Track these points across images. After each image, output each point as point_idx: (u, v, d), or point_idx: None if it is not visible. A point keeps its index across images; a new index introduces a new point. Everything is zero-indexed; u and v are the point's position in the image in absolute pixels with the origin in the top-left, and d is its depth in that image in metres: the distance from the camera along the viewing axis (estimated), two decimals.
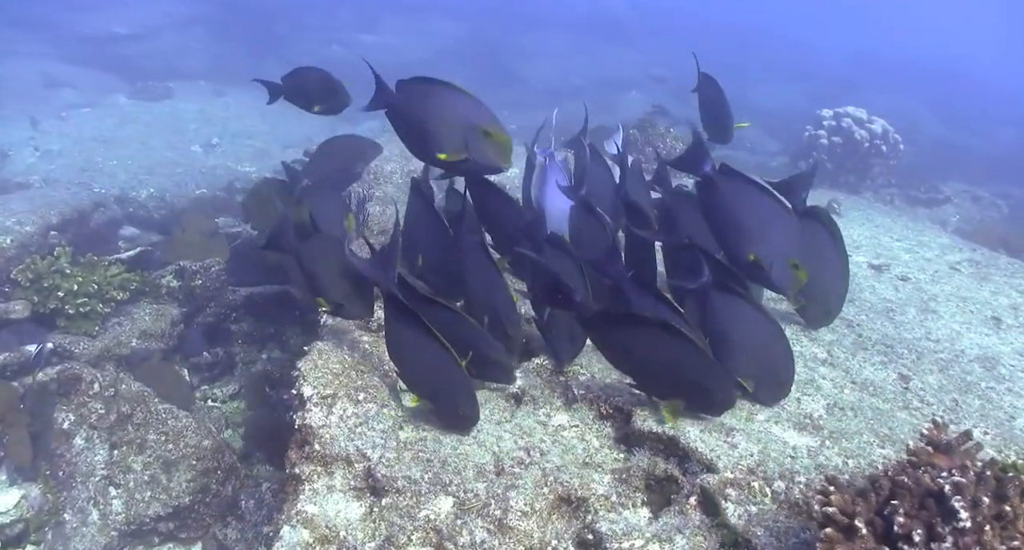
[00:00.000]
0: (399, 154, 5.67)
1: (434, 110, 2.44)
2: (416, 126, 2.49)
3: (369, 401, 2.46)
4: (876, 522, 1.68)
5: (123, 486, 3.90)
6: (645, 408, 2.49)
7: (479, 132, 2.43)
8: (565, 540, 2.10)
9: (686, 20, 24.35)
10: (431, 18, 21.95)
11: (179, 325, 5.23)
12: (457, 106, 2.43)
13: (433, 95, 2.45)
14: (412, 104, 2.49)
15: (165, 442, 4.01)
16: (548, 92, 18.09)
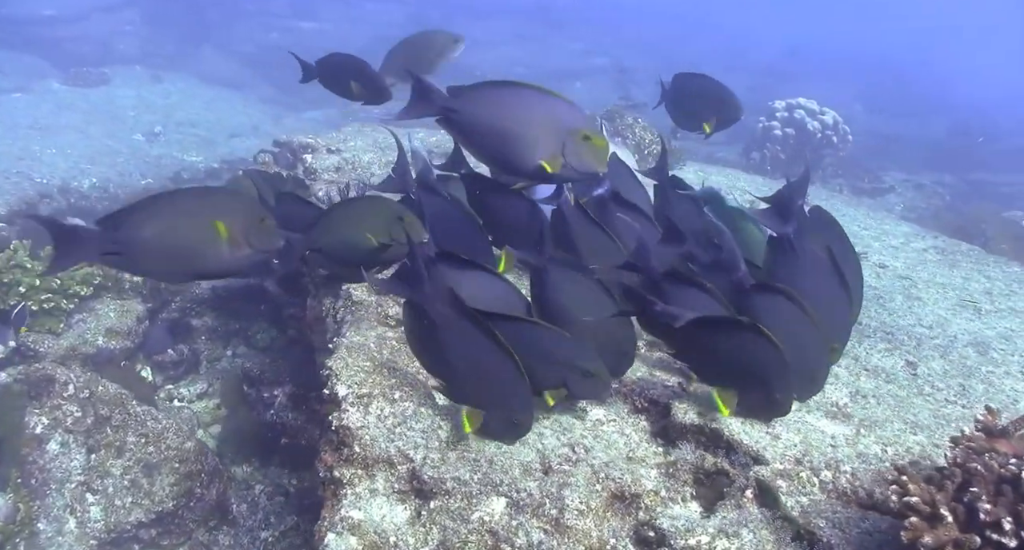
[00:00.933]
0: (372, 144, 5.54)
1: (520, 114, 2.17)
2: (497, 133, 2.21)
3: (405, 400, 2.37)
4: (958, 510, 1.69)
5: (102, 492, 3.71)
6: (683, 401, 2.47)
7: (578, 136, 2.20)
8: (623, 538, 2.06)
9: (621, 10, 24.52)
10: (368, 4, 21.55)
11: (145, 321, 5.00)
12: (543, 108, 2.18)
13: (515, 97, 2.19)
14: (484, 109, 2.22)
15: (145, 444, 3.82)
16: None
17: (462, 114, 2.24)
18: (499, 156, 2.30)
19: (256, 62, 16.15)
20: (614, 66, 19.95)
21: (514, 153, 2.22)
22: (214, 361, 5.78)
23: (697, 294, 2.28)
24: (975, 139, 11.54)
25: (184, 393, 5.26)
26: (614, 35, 22.31)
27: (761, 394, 2.28)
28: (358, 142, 5.41)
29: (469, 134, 2.29)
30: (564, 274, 2.38)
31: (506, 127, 2.20)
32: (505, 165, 2.33)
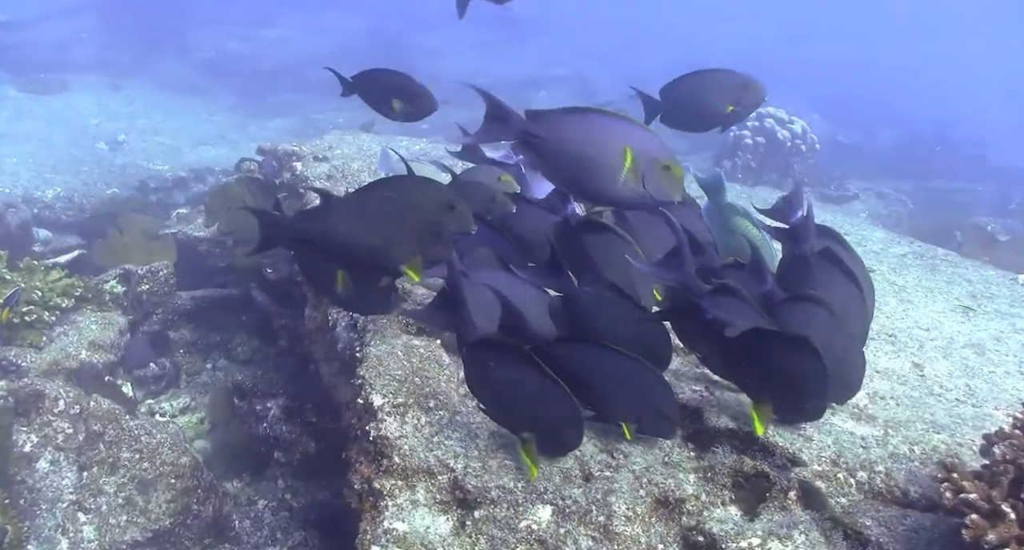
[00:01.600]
0: (359, 152, 5.49)
1: (602, 141, 2.17)
2: (578, 160, 2.21)
3: (440, 408, 2.33)
4: (1018, 506, 1.72)
5: (95, 511, 3.59)
6: (712, 406, 2.48)
7: (657, 164, 2.20)
8: (671, 544, 2.05)
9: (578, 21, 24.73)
10: (329, 13, 21.38)
11: (127, 334, 4.86)
12: (627, 135, 2.19)
13: (598, 124, 2.19)
14: (566, 136, 2.20)
15: (140, 460, 3.71)
16: (452, 91, 18.02)
17: (543, 140, 2.22)
18: (579, 182, 2.29)
19: (217, 70, 15.90)
20: (575, 76, 20.13)
21: (595, 180, 2.22)
22: (194, 375, 5.65)
23: (737, 304, 2.29)
24: (931, 148, 11.87)
25: (166, 408, 5.14)
26: (572, 46, 22.51)
27: (798, 402, 2.29)
28: (344, 149, 5.35)
29: (549, 159, 2.26)
30: (596, 301, 2.36)
31: (588, 154, 2.19)
32: (585, 191, 2.34)
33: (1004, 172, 12.36)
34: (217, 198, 4.59)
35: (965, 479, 1.81)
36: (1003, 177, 12.36)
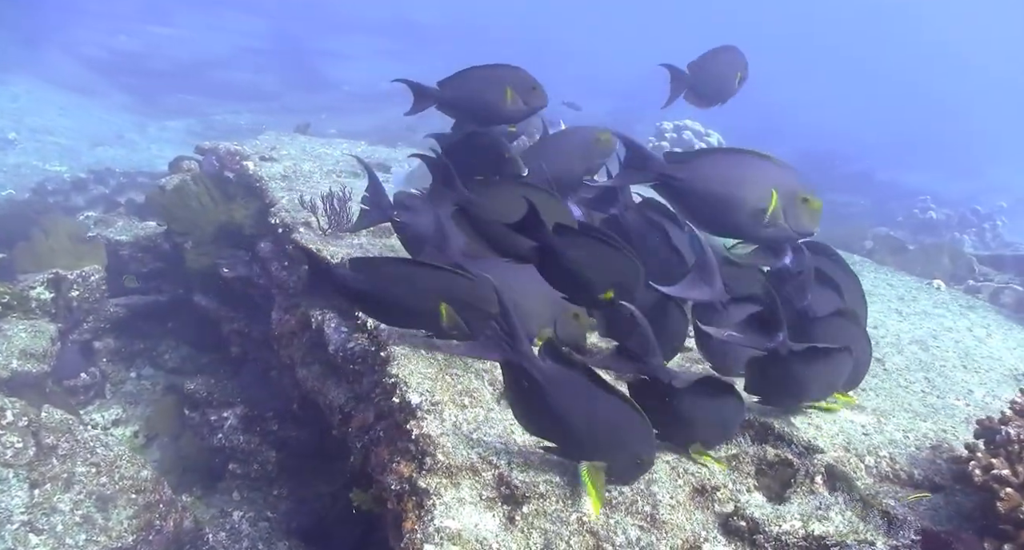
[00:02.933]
0: (304, 153, 5.36)
1: (736, 180, 2.25)
2: (719, 200, 2.27)
3: (475, 405, 2.33)
4: None
5: (48, 531, 3.35)
6: None
7: (797, 199, 2.28)
8: (712, 529, 2.13)
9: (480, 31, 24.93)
10: (228, 13, 20.72)
11: (57, 343, 4.57)
12: (761, 173, 2.26)
13: (730, 163, 2.27)
14: (706, 176, 2.27)
15: (97, 474, 3.50)
16: (361, 97, 17.81)
17: (684, 182, 2.28)
18: (722, 222, 2.35)
19: (107, 67, 15.10)
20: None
21: (739, 220, 2.29)
22: (119, 384, 5.36)
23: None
24: (826, 163, 12.65)
25: (97, 420, 4.85)
26: (475, 55, 22.62)
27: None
28: (290, 150, 5.22)
29: (689, 201, 2.32)
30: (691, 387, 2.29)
31: (732, 194, 2.26)
32: (725, 229, 2.39)
33: (886, 187, 13.32)
34: (173, 197, 4.36)
35: (994, 456, 1.97)
36: (883, 192, 13.34)
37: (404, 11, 25.71)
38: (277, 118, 15.36)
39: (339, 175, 4.93)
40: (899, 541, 1.99)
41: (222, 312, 4.56)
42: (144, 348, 5.52)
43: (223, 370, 4.68)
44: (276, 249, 3.92)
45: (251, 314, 4.47)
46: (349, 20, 22.20)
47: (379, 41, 22.68)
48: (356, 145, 6.16)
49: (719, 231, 2.43)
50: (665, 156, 2.31)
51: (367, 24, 23.39)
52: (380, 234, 3.71)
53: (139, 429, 4.80)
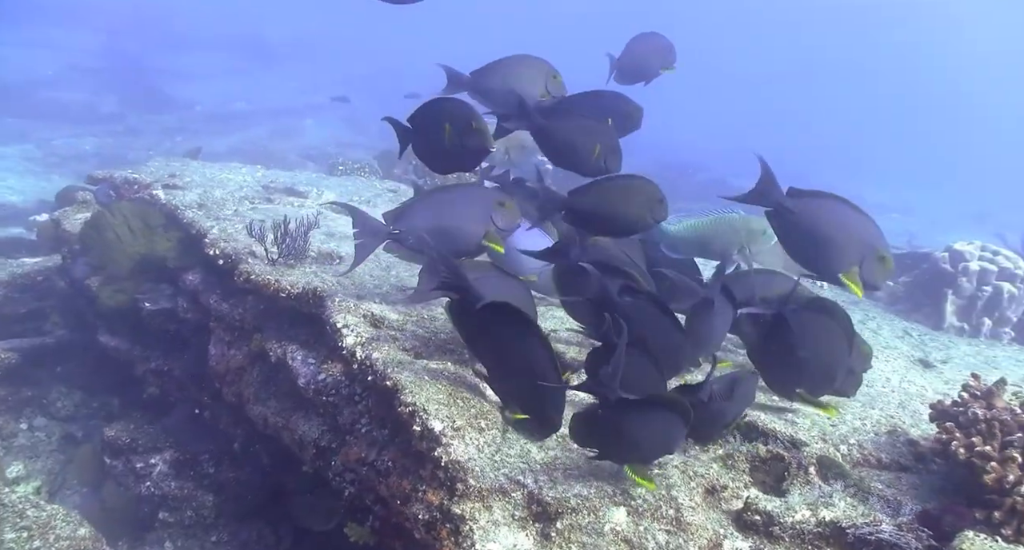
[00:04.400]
0: (209, 180, 5.14)
1: (836, 226, 2.49)
2: (820, 239, 2.51)
3: (491, 427, 2.34)
4: (1017, 452, 2.15)
5: None
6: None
7: (875, 255, 2.48)
8: (728, 526, 2.26)
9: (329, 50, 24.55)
10: (52, 30, 19.25)
11: None
12: (856, 225, 2.48)
13: (835, 210, 2.50)
14: (816, 215, 2.50)
15: (30, 539, 3.20)
16: (213, 117, 17.08)
17: (796, 215, 2.52)
18: (813, 259, 2.57)
19: None
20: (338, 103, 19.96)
21: (829, 261, 2.53)
22: (10, 438, 4.90)
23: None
24: (685, 172, 13.38)
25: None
26: (328, 72, 22.34)
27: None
28: (194, 177, 4.98)
29: (793, 233, 2.56)
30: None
31: (829, 236, 2.50)
32: (814, 267, 2.61)
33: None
34: (88, 230, 4.03)
35: (969, 436, 2.22)
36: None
37: (250, 27, 24.91)
38: (123, 141, 14.49)
39: (253, 201, 4.76)
40: (902, 518, 2.19)
41: (135, 352, 4.27)
42: (32, 396, 5.08)
43: (138, 414, 4.38)
44: (210, 281, 3.74)
45: (170, 352, 4.23)
46: (190, 37, 21.22)
47: (226, 59, 21.81)
48: (255, 170, 5.95)
49: (805, 264, 2.65)
50: (789, 191, 2.55)
51: (211, 41, 22.45)
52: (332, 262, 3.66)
53: (42, 484, 4.42)
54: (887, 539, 2.14)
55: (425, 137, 2.71)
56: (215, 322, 3.60)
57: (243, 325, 3.47)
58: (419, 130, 2.72)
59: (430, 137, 2.69)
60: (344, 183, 5.90)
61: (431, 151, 2.76)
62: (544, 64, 3.03)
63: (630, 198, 2.70)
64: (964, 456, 2.20)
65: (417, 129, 2.73)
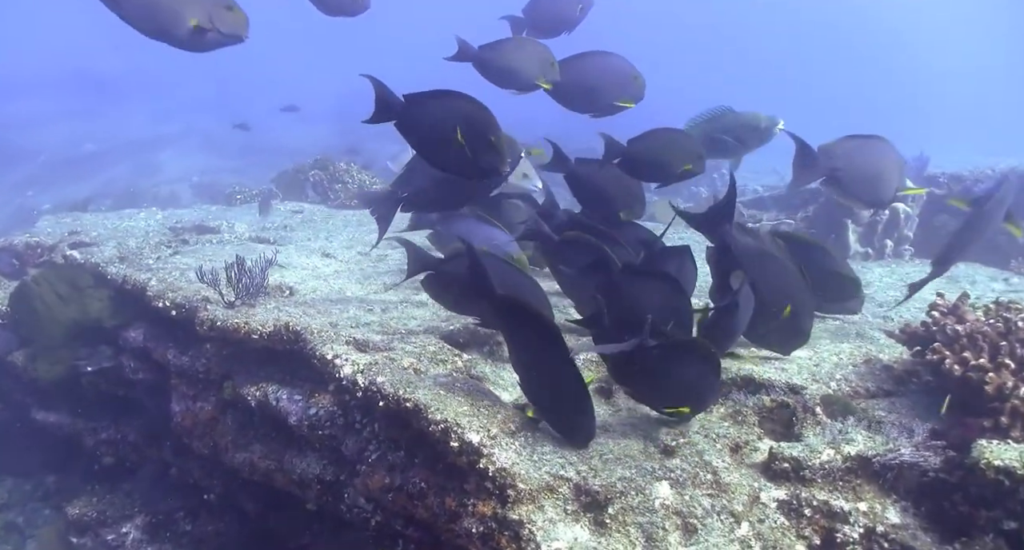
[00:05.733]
0: (113, 231, 4.84)
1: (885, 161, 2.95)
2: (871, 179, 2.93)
3: (521, 429, 2.33)
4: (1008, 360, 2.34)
5: None
6: None
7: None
8: (758, 479, 2.35)
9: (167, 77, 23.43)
10: None
11: None
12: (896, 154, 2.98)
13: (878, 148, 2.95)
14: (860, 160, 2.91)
15: None
16: (63, 164, 16.02)
17: (843, 170, 2.85)
18: (870, 195, 2.98)
19: None
20: (191, 129, 19.18)
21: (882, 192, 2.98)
22: None
23: None
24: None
25: None
26: (173, 99, 21.40)
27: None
28: (99, 231, 4.69)
29: (849, 184, 2.90)
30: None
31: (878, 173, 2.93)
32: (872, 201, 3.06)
33: None
34: (15, 304, 3.69)
35: (963, 351, 2.39)
36: None
37: (81, 63, 23.49)
38: (90, 193, 13.45)
39: (169, 245, 4.52)
40: (918, 439, 2.35)
41: (79, 425, 3.99)
42: None
43: (95, 486, 4.11)
44: (158, 335, 3.54)
45: (120, 418, 3.99)
46: (16, 82, 19.81)
47: (62, 100, 20.45)
48: (152, 213, 5.64)
49: (868, 202, 3.08)
50: (820, 151, 2.76)
51: (41, 84, 21.05)
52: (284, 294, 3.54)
53: None
54: (908, 460, 2.29)
55: (426, 130, 2.48)
56: (176, 378, 3.41)
57: (208, 375, 3.31)
58: (420, 119, 2.47)
59: (432, 133, 2.47)
60: (251, 211, 5.68)
61: (429, 147, 2.56)
62: (546, 51, 3.17)
63: (674, 150, 3.07)
64: (960, 371, 2.37)
65: (418, 116, 2.48)
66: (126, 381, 3.77)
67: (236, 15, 2.60)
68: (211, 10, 2.56)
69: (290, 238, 4.79)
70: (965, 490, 2.21)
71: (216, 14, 2.57)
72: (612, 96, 3.23)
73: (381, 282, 3.76)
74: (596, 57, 3.24)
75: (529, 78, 3.14)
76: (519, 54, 3.12)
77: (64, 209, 9.21)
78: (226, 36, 2.63)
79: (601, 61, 3.24)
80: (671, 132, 3.15)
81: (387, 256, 4.31)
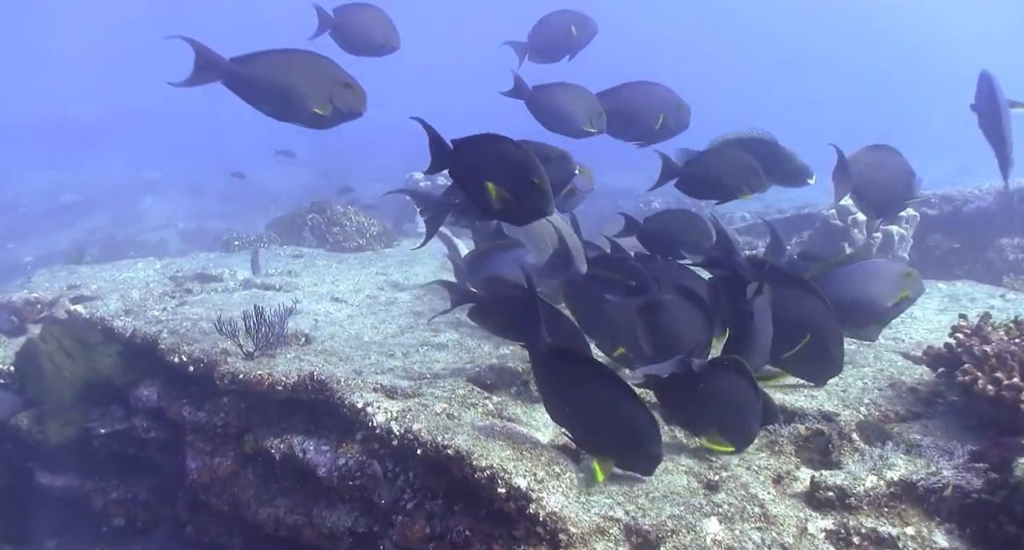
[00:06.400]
0: (115, 283, 4.78)
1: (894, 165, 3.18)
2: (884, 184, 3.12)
3: (566, 471, 2.31)
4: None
5: None
6: None
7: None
8: (803, 509, 2.35)
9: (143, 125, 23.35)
10: None
11: None
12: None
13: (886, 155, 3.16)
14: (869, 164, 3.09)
15: None
16: (43, 216, 15.86)
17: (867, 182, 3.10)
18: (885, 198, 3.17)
19: None
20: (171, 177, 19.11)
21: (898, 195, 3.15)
22: None
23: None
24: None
25: None
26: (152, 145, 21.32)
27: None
28: (99, 283, 4.63)
29: (867, 191, 3.11)
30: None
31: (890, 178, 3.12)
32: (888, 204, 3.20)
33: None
34: (22, 364, 3.61)
35: (994, 371, 2.41)
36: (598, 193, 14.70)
37: (57, 111, 23.39)
38: (84, 244, 13.27)
39: (173, 295, 4.47)
40: (958, 460, 2.35)
41: (88, 486, 3.89)
42: None
43: (104, 549, 4.00)
44: (172, 391, 3.47)
45: (130, 477, 3.90)
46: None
47: (39, 149, 20.29)
48: (151, 263, 5.58)
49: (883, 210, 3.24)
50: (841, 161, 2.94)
51: (16, 133, 20.91)
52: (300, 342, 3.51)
53: None
54: (951, 483, 2.30)
55: (469, 174, 2.48)
56: (192, 434, 3.34)
57: (226, 430, 3.25)
58: (464, 164, 2.46)
59: (474, 177, 2.46)
60: (249, 257, 5.64)
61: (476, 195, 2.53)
62: (594, 100, 3.22)
63: (732, 169, 3.13)
64: (993, 391, 2.39)
65: (462, 161, 2.46)
66: (138, 440, 3.69)
67: (355, 92, 2.72)
68: (333, 91, 2.68)
69: (296, 284, 4.75)
70: (1010, 510, 2.22)
71: (337, 93, 2.68)
72: (660, 126, 3.31)
73: (396, 325, 3.74)
74: (641, 87, 3.30)
75: (577, 124, 3.20)
76: (569, 99, 3.18)
77: (47, 261, 9.08)
78: (346, 114, 2.74)
79: (646, 90, 3.29)
80: (728, 151, 3.19)
81: (397, 299, 4.29)
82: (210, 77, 2.58)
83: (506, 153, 2.40)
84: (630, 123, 3.25)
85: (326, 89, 2.67)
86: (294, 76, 2.62)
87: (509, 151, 2.40)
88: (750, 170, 3.12)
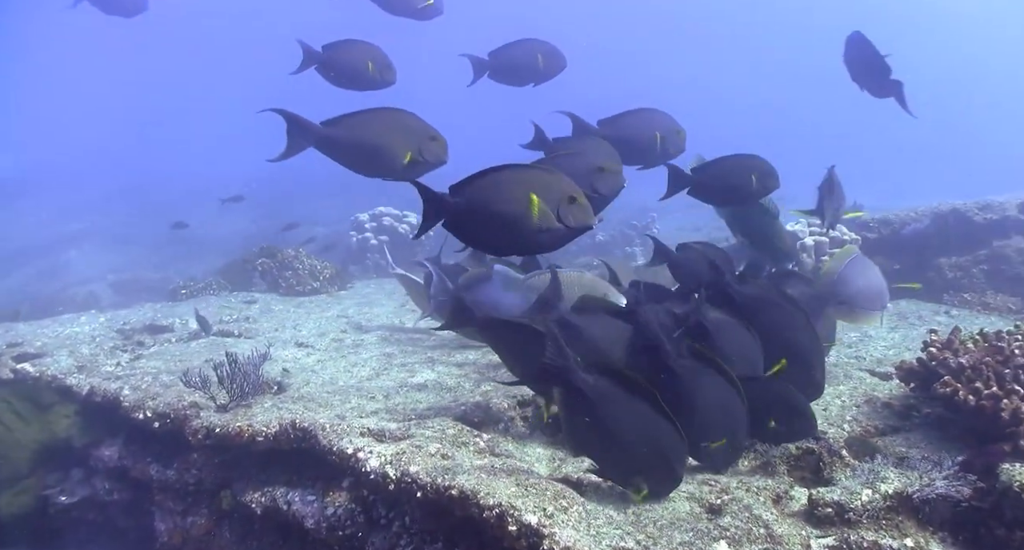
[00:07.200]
0: (57, 338, 4.57)
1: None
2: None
3: (572, 504, 2.28)
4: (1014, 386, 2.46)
5: None
6: None
7: None
8: (804, 526, 2.37)
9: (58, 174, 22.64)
10: None
11: None
12: None
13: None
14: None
15: None
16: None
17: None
18: None
19: None
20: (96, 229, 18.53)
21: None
22: None
23: None
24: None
25: None
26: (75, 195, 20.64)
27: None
28: (42, 340, 4.40)
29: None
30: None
31: None
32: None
33: None
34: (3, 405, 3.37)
35: (973, 382, 2.50)
36: None
37: None
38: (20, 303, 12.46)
39: (124, 349, 4.29)
40: (947, 470, 2.42)
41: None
42: None
43: None
44: (136, 450, 3.31)
45: (88, 546, 3.68)
46: None
47: None
48: (94, 317, 5.35)
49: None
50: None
51: None
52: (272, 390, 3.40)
53: None
54: (942, 492, 2.36)
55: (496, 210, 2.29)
56: (161, 493, 3.19)
57: (199, 487, 3.11)
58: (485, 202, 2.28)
59: (506, 210, 2.27)
60: (199, 305, 5.47)
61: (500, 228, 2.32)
62: (670, 119, 3.42)
63: (744, 173, 3.19)
64: (974, 401, 2.48)
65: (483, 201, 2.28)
66: (99, 503, 3.49)
67: (439, 144, 2.81)
68: (420, 144, 2.75)
69: (256, 330, 4.62)
70: (1000, 514, 2.30)
71: (424, 146, 2.76)
72: (659, 149, 3.41)
73: (370, 368, 3.67)
74: (642, 114, 3.40)
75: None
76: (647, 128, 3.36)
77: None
78: (433, 164, 2.82)
79: (646, 117, 3.38)
80: (737, 156, 3.27)
81: (363, 341, 4.21)
82: (304, 145, 2.63)
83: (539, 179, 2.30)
84: (632, 148, 3.31)
85: (415, 144, 2.73)
86: (383, 135, 2.68)
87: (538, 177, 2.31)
88: (764, 171, 3.20)
